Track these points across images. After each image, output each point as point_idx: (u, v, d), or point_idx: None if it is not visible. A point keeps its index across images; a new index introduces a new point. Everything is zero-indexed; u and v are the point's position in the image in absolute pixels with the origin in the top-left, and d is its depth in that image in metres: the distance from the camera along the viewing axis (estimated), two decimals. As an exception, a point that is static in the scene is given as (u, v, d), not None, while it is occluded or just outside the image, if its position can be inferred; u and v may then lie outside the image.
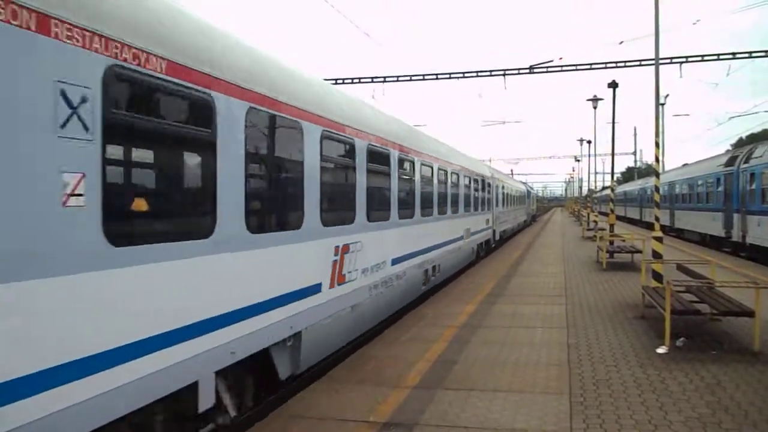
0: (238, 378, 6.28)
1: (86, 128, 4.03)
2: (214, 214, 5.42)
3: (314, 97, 7.60)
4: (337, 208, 8.37)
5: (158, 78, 4.71)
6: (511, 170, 79.52)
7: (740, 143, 60.11)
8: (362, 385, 7.04)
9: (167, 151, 5.10)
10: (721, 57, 26.47)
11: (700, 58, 26.62)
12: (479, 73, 29.06)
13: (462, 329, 9.98)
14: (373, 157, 9.63)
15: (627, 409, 6.07)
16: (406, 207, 11.61)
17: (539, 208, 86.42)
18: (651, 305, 10.20)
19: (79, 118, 3.98)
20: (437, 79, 29.69)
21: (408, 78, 29.71)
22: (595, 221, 38.01)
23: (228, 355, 5.55)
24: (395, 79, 29.66)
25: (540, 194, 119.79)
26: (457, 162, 17.40)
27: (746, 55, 26.29)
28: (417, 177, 12.48)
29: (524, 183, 62.13)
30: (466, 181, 18.85)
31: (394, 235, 10.90)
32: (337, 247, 8.17)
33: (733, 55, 26.31)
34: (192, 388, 5.10)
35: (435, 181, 14.21)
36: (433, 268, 14.11)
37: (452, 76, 29.45)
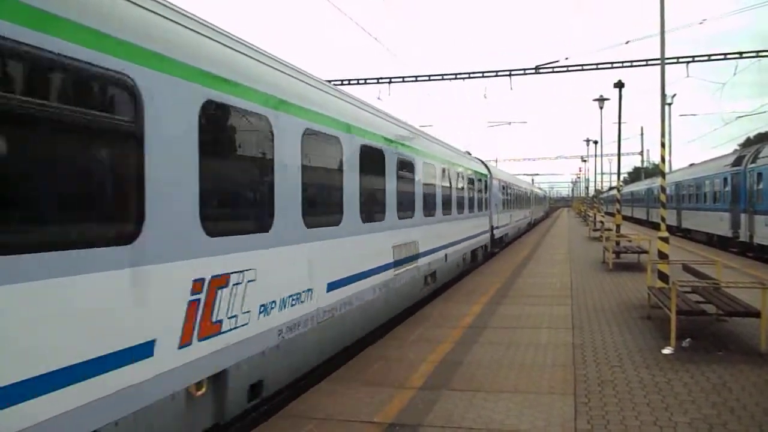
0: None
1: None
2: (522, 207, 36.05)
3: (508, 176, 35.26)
4: (513, 205, 32.16)
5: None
6: (532, 179, 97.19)
7: (748, 143, 59.74)
8: (367, 385, 7.06)
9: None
10: (728, 56, 26.33)
11: (707, 58, 26.49)
12: (485, 74, 29.05)
13: (468, 330, 9.99)
14: (510, 190, 31.40)
15: (632, 410, 6.06)
16: (516, 204, 34.09)
17: (549, 207, 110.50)
18: (657, 306, 10.17)
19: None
20: (443, 79, 29.69)
21: (414, 78, 29.73)
22: (602, 221, 37.90)
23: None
24: (401, 79, 29.70)
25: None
26: (521, 184, 41.64)
27: (753, 54, 26.15)
28: (518, 195, 35.02)
29: (541, 188, 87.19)
30: (526, 192, 42.95)
31: (516, 213, 33.64)
32: (510, 215, 30.82)
33: (740, 55, 26.17)
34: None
35: (521, 195, 36.63)
36: (531, 223, 43.21)
37: (458, 76, 29.43)
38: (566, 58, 36.72)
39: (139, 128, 4.45)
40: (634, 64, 27.03)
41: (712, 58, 26.49)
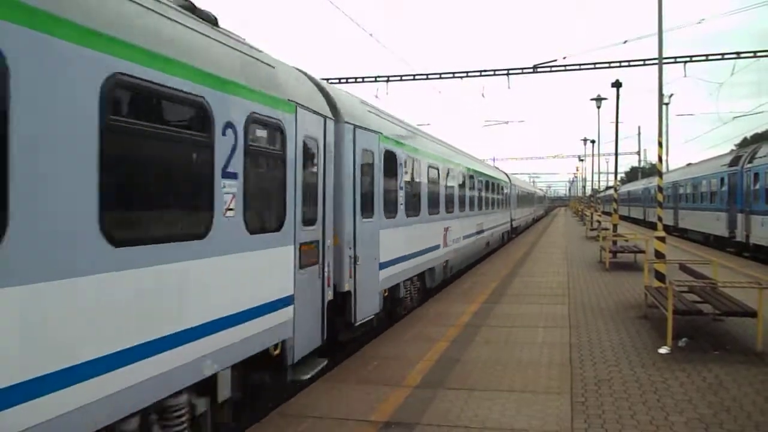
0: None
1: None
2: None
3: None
4: (523, 204, 42.66)
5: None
6: (533, 181, 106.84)
7: (745, 143, 59.85)
8: (363, 384, 7.05)
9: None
10: (725, 56, 26.32)
11: (704, 58, 26.46)
12: (483, 73, 28.91)
13: (464, 328, 9.98)
14: (522, 193, 42.18)
15: (628, 410, 6.06)
16: (526, 203, 44.80)
17: (548, 206, 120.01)
18: (654, 305, 10.18)
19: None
20: (440, 78, 29.54)
21: (411, 77, 29.58)
22: (599, 221, 37.93)
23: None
24: (399, 78, 29.57)
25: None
26: (529, 188, 57.61)
27: (751, 54, 26.15)
28: (526, 197, 46.37)
29: (542, 189, 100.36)
30: (532, 194, 55.55)
31: (526, 210, 44.92)
32: (522, 211, 40.60)
33: (738, 55, 26.14)
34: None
35: (529, 196, 49.12)
36: (534, 219, 56.43)
37: (456, 75, 29.29)
38: (564, 58, 36.66)
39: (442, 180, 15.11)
40: (632, 63, 26.96)
41: (710, 58, 26.44)
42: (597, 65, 27.39)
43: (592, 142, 50.96)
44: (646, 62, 26.55)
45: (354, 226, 8.61)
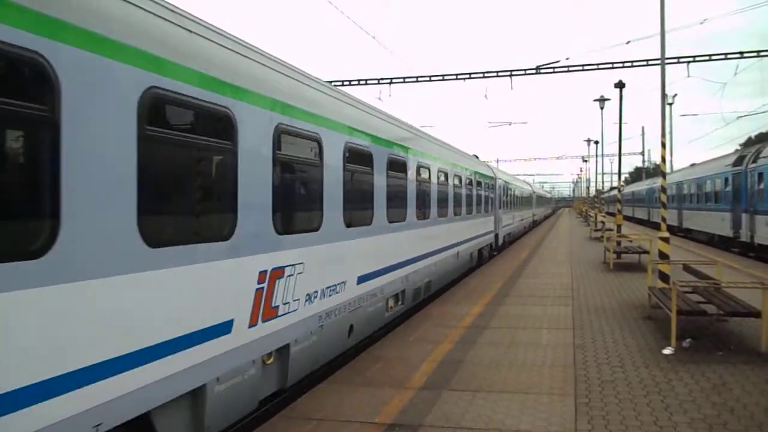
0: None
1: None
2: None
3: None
4: (540, 205, 63.07)
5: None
6: (542, 185, 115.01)
7: (749, 143, 59.71)
8: (368, 386, 7.07)
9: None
10: (728, 56, 26.31)
11: (707, 58, 26.46)
12: (485, 74, 29.01)
13: (468, 330, 9.99)
14: (539, 197, 63.78)
15: (632, 411, 6.07)
16: (541, 204, 67.20)
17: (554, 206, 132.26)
18: (657, 306, 10.17)
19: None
20: (443, 80, 29.65)
21: (414, 79, 29.68)
22: (603, 221, 37.90)
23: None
24: (402, 80, 29.66)
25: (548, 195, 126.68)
26: (543, 192, 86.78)
27: (754, 54, 26.13)
28: (542, 199, 71.18)
29: (549, 192, 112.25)
30: (544, 196, 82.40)
31: (541, 209, 65.77)
32: (539, 210, 60.27)
33: (741, 54, 26.14)
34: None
35: (543, 198, 76.99)
36: (545, 216, 75.72)
37: (458, 76, 29.41)
38: (567, 58, 36.87)
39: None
40: (635, 64, 27.02)
41: (713, 58, 26.45)
42: (600, 66, 27.45)
43: (596, 142, 50.85)
44: (649, 62, 26.59)
45: (498, 211, 24.42)
